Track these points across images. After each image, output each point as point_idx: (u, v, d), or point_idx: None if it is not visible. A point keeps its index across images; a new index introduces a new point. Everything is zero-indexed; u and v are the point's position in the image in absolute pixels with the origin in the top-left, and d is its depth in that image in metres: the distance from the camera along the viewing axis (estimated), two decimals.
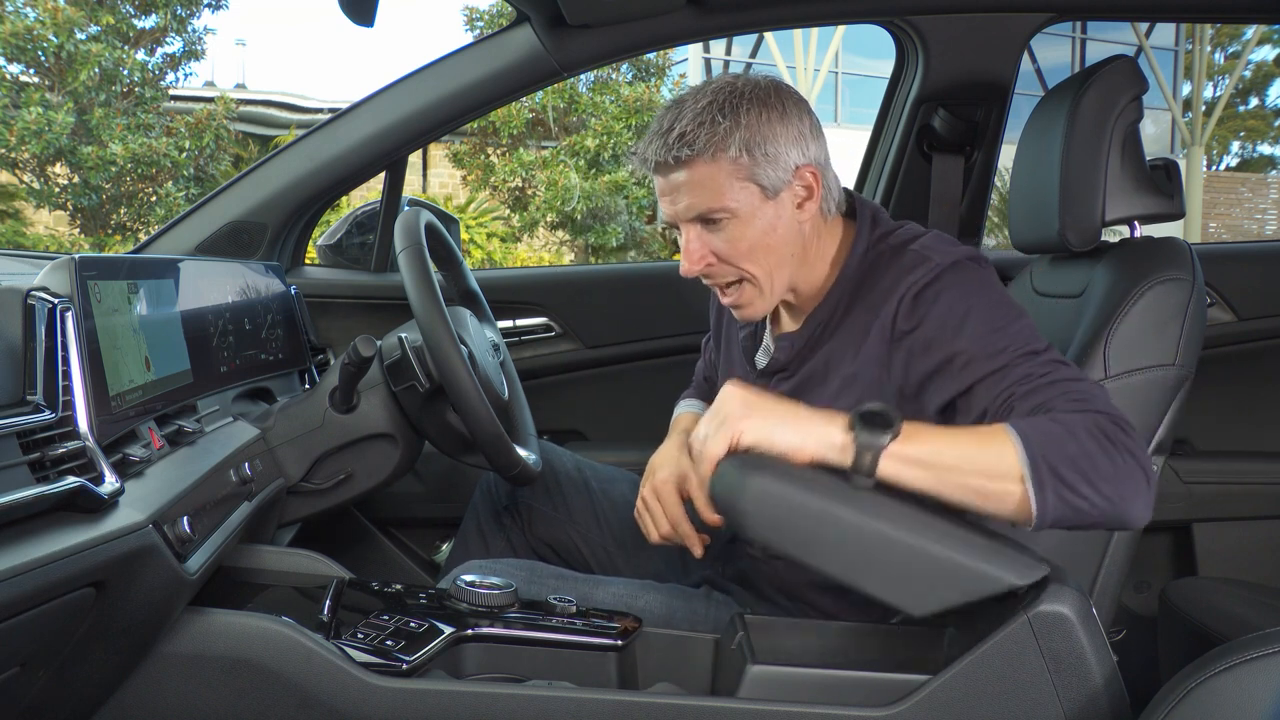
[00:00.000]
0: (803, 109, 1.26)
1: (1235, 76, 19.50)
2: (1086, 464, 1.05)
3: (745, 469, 1.09)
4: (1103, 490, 1.05)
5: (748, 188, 1.23)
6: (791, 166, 1.24)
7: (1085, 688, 1.11)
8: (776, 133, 1.23)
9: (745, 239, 1.26)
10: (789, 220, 1.27)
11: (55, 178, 9.41)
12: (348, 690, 1.14)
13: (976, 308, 1.19)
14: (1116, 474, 1.05)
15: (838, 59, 15.46)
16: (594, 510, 1.67)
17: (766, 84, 1.26)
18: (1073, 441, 1.05)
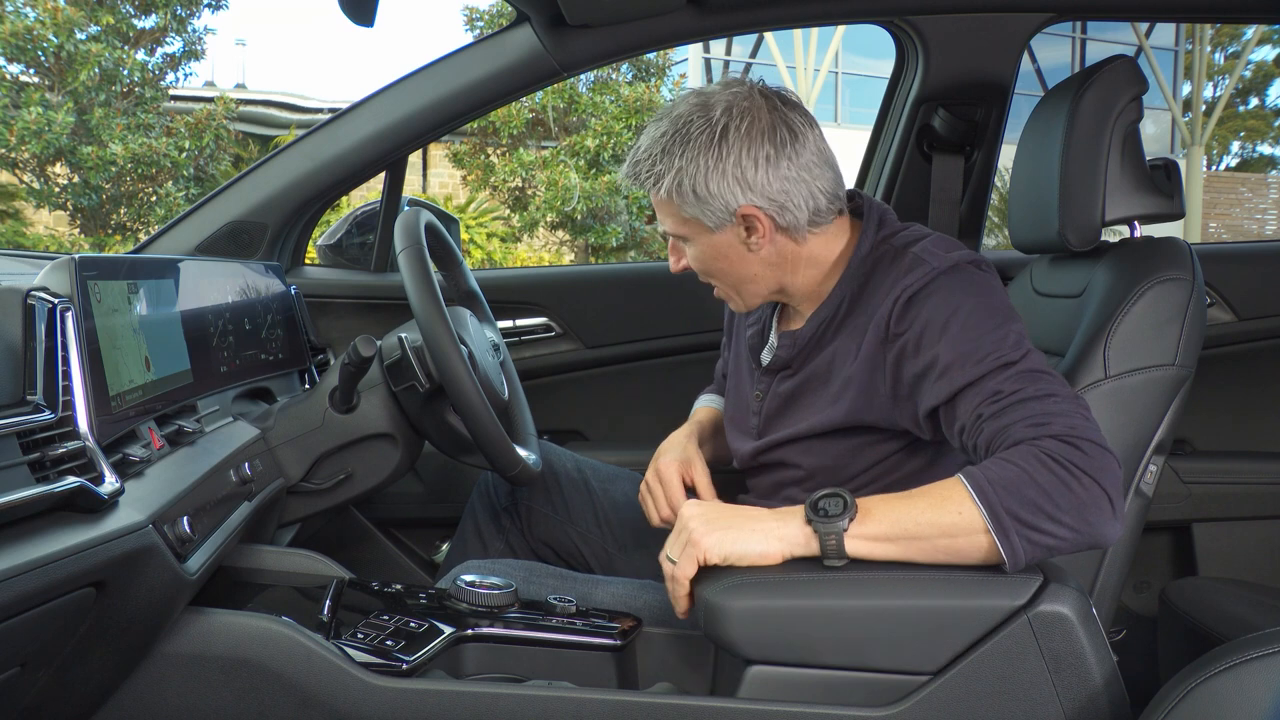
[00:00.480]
0: (754, 143, 1.24)
1: (1235, 76, 19.50)
2: (1045, 502, 1.06)
3: (721, 596, 1.13)
4: (1065, 523, 1.07)
5: (688, 222, 1.30)
6: (730, 208, 1.26)
7: (1085, 688, 1.11)
8: (710, 178, 1.25)
9: (701, 259, 1.34)
10: (739, 250, 1.30)
11: (55, 178, 9.41)
12: (348, 690, 1.14)
13: (961, 313, 1.20)
14: (1076, 503, 1.06)
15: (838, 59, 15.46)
16: (595, 510, 1.67)
17: (722, 116, 1.25)
18: (1028, 481, 1.07)
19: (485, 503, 1.69)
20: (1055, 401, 1.13)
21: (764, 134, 1.25)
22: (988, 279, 1.25)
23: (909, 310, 1.23)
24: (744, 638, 1.14)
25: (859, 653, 1.13)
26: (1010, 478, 1.07)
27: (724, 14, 1.84)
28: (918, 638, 1.12)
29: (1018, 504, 1.06)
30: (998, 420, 1.13)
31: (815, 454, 1.34)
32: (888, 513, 1.12)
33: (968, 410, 1.17)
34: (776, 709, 1.13)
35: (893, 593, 1.13)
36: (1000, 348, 1.17)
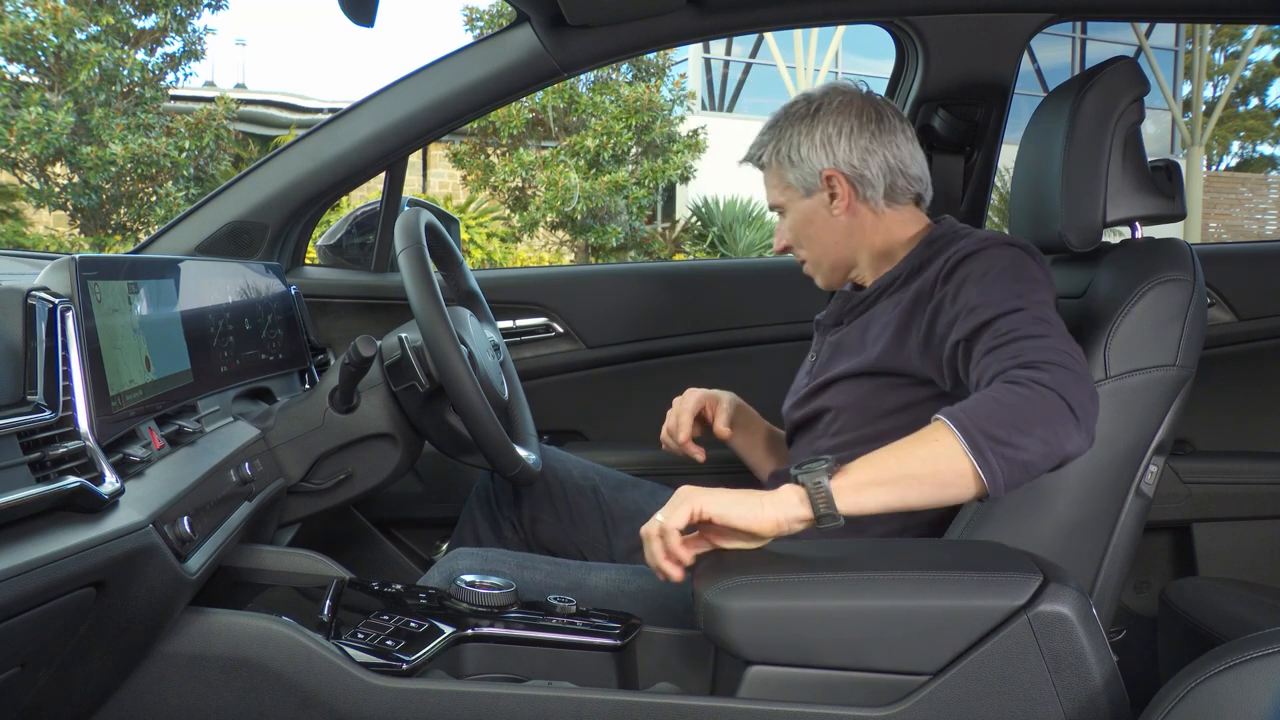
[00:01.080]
0: (841, 117, 1.46)
1: (1235, 76, 19.49)
2: (1013, 417, 1.11)
3: (721, 597, 1.13)
4: (1035, 434, 1.10)
5: (787, 188, 1.51)
6: (816, 170, 1.47)
7: (1085, 688, 1.11)
8: (801, 144, 1.47)
9: (794, 228, 1.53)
10: (824, 215, 1.49)
11: (55, 178, 9.41)
12: (348, 690, 1.14)
13: (998, 269, 1.30)
14: (1041, 416, 1.11)
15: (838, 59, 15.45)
16: (602, 517, 1.66)
17: (821, 97, 1.49)
18: (996, 404, 1.12)
19: (485, 508, 1.69)
20: (1041, 341, 1.18)
21: (853, 112, 1.47)
22: (1034, 262, 1.34)
23: (956, 269, 1.33)
24: (744, 638, 1.14)
25: (859, 653, 1.13)
26: (979, 404, 1.13)
27: (724, 14, 1.84)
28: (917, 638, 1.12)
29: (989, 424, 1.11)
30: (991, 355, 1.20)
31: (844, 394, 1.44)
32: (870, 461, 1.14)
33: (978, 348, 1.23)
34: (776, 709, 1.13)
35: (892, 593, 1.13)
36: (1020, 297, 1.26)
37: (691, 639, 1.32)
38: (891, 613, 1.13)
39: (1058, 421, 1.11)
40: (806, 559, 1.22)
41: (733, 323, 2.20)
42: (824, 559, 1.22)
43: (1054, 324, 1.23)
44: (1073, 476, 1.32)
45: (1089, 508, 1.33)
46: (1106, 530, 1.34)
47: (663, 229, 13.06)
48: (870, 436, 1.36)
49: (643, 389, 2.20)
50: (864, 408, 1.41)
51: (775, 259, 2.03)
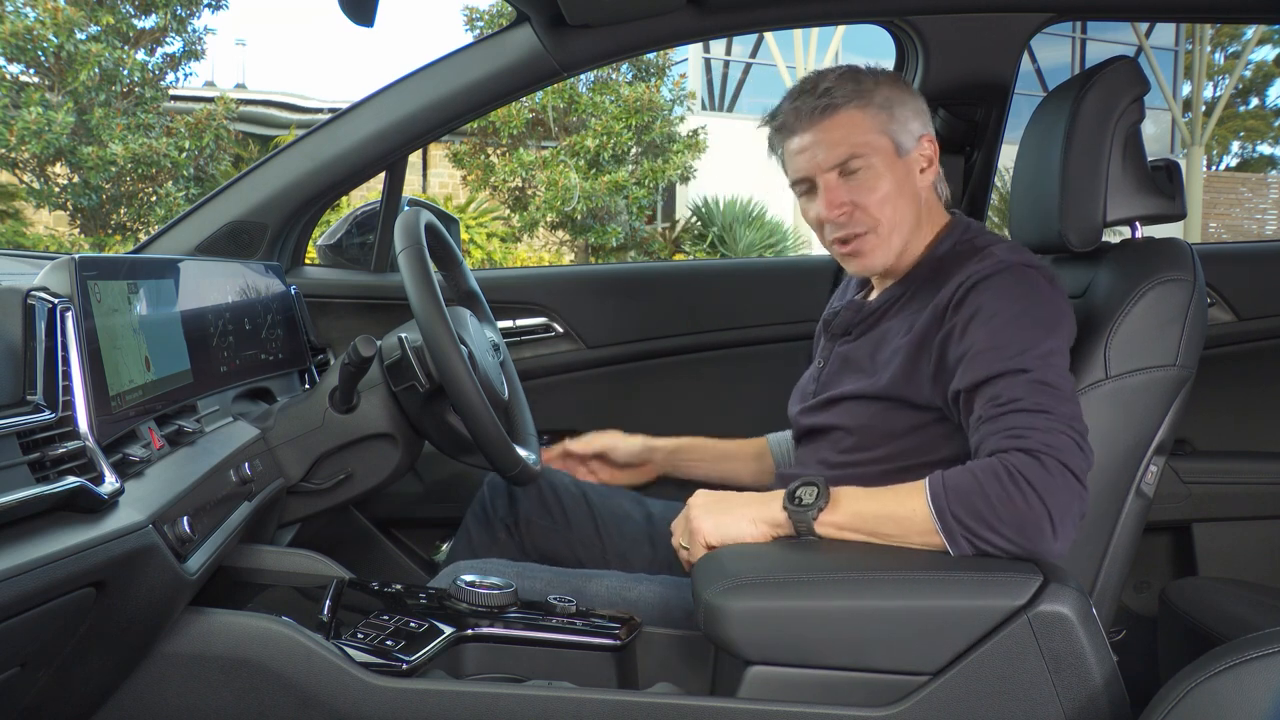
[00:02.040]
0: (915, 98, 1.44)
1: (1235, 76, 19.49)
2: (989, 512, 1.15)
3: (721, 598, 1.14)
4: (1004, 535, 1.15)
5: (884, 140, 1.39)
6: (918, 133, 1.41)
7: (1085, 688, 1.11)
8: (906, 101, 1.41)
9: (879, 189, 1.39)
10: (913, 181, 1.42)
11: (55, 178, 9.40)
12: (348, 690, 1.14)
13: (1010, 309, 1.27)
14: (1018, 519, 1.14)
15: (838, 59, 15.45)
16: (595, 519, 1.66)
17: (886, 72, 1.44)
18: (979, 491, 1.16)
19: (480, 517, 1.68)
20: (1044, 418, 1.18)
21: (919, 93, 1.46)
22: (1050, 288, 1.31)
23: (969, 296, 1.30)
24: (744, 638, 1.14)
25: (859, 653, 1.13)
26: (965, 485, 1.17)
27: (724, 14, 1.84)
28: (917, 638, 1.12)
29: (964, 511, 1.16)
30: (989, 425, 1.21)
31: (854, 414, 1.41)
32: (852, 504, 1.24)
33: (977, 407, 1.24)
34: (776, 709, 1.13)
35: (892, 593, 1.13)
36: (1026, 352, 1.23)
37: (691, 639, 1.32)
38: (891, 613, 1.13)
39: (1032, 530, 1.14)
40: (806, 559, 1.22)
41: (733, 323, 2.20)
42: (824, 559, 1.23)
43: (1058, 387, 1.21)
44: None
45: (1089, 508, 1.33)
46: (1106, 530, 1.34)
47: (663, 229, 13.06)
48: (879, 458, 1.37)
49: (643, 389, 2.20)
50: (873, 429, 1.38)
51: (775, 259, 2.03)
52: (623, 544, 1.64)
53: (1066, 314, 1.31)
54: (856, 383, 1.41)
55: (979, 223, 1.48)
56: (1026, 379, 1.21)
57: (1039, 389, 1.20)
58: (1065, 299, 1.33)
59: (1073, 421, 1.19)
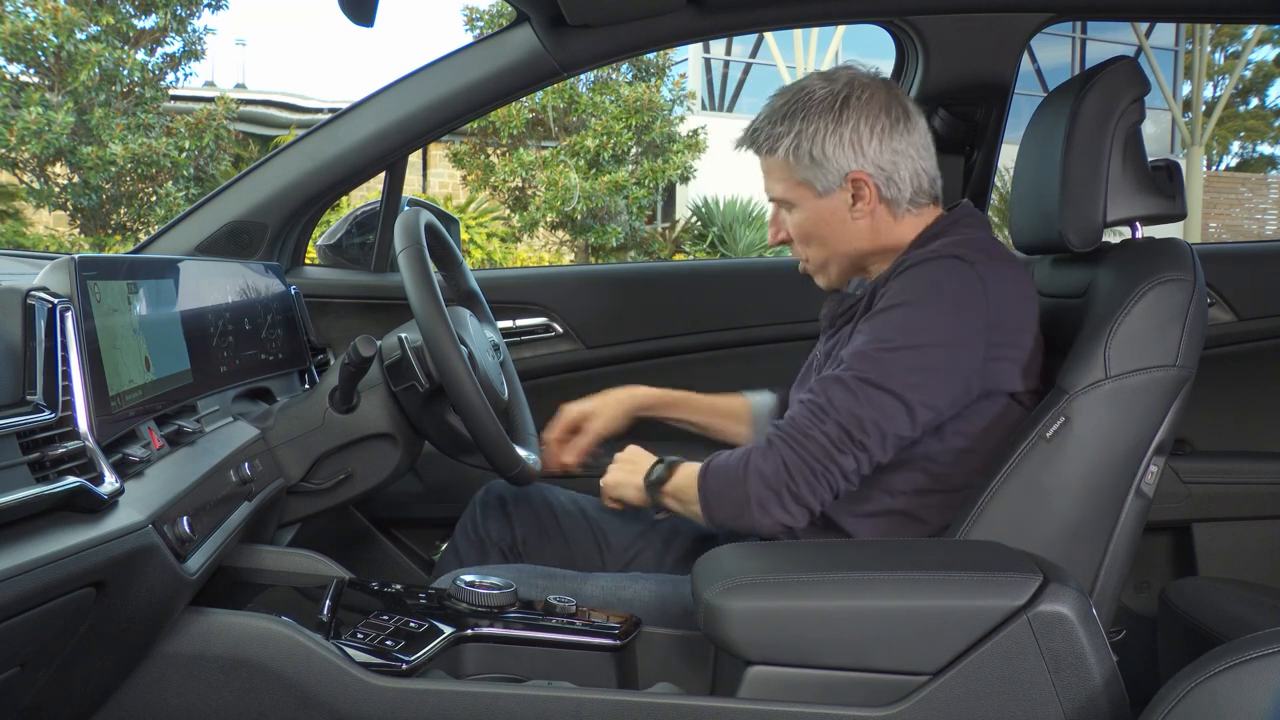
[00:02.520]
0: (871, 114, 1.37)
1: (1235, 76, 19.50)
2: (720, 491, 1.32)
3: (721, 598, 1.14)
4: (725, 512, 1.32)
5: (800, 189, 1.41)
6: (842, 171, 1.38)
7: (1085, 688, 1.11)
8: (826, 142, 1.36)
9: (802, 227, 1.44)
10: (842, 216, 1.41)
11: (55, 178, 9.41)
12: (348, 690, 1.14)
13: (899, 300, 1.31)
14: (730, 500, 1.31)
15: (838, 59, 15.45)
16: (595, 538, 1.66)
17: (844, 89, 1.38)
18: (720, 474, 1.33)
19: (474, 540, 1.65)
20: (813, 413, 1.29)
21: (882, 108, 1.38)
22: (967, 286, 1.30)
23: (889, 281, 1.35)
24: (744, 638, 1.14)
25: (859, 653, 1.13)
26: (718, 466, 1.34)
27: (724, 14, 1.84)
28: (917, 638, 1.12)
29: (711, 491, 1.34)
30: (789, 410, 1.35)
31: None
32: (679, 480, 1.39)
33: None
34: (776, 709, 1.13)
35: (892, 593, 1.13)
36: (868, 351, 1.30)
37: (691, 639, 1.32)
38: (891, 613, 1.13)
39: (739, 510, 1.31)
40: (806, 559, 1.22)
41: (733, 323, 2.20)
42: (824, 559, 1.23)
43: (858, 394, 1.28)
44: (1073, 476, 1.32)
45: (1089, 508, 1.33)
46: (1106, 530, 1.34)
47: (663, 229, 13.06)
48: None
49: None
50: None
51: (775, 259, 2.03)
52: (624, 556, 1.63)
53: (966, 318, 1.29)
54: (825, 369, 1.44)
55: (970, 214, 1.45)
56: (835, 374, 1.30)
57: (836, 386, 1.29)
58: (983, 295, 1.30)
59: (845, 419, 1.27)
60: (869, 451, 1.29)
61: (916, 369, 1.28)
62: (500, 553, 1.64)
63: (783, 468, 1.28)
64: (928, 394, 1.28)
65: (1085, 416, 1.32)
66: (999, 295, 1.32)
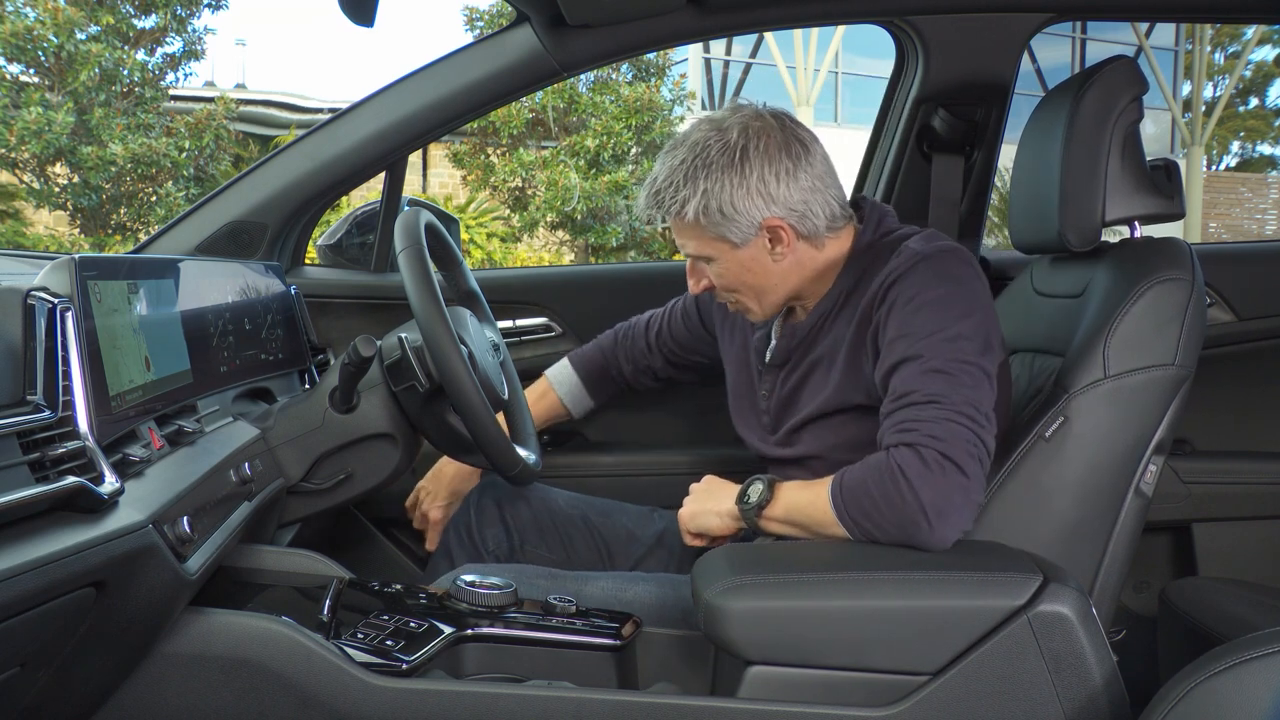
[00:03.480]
0: (773, 158, 1.34)
1: (1235, 76, 19.50)
2: (874, 509, 1.23)
3: (721, 598, 1.14)
4: (884, 528, 1.22)
5: (715, 241, 1.38)
6: (755, 221, 1.35)
7: (1085, 688, 1.11)
8: (734, 196, 1.34)
9: (725, 277, 1.42)
10: (763, 262, 1.39)
11: (55, 178, 9.40)
12: (348, 690, 1.14)
13: (921, 297, 1.30)
14: (896, 516, 1.21)
15: (838, 59, 15.45)
16: (597, 546, 1.65)
17: (740, 137, 1.34)
18: (865, 489, 1.24)
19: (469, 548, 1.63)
20: (934, 408, 1.23)
21: (780, 149, 1.35)
22: (963, 270, 1.34)
23: (889, 292, 1.33)
24: (744, 638, 1.14)
25: (859, 653, 1.13)
26: (856, 481, 1.25)
27: (724, 14, 1.84)
28: (917, 638, 1.12)
29: (854, 506, 1.24)
30: (887, 421, 1.27)
31: (820, 437, 1.43)
32: (787, 501, 1.32)
33: (885, 400, 1.29)
34: (776, 709, 1.13)
35: (892, 594, 1.13)
36: (931, 336, 1.27)
37: (691, 639, 1.32)
38: (891, 613, 1.13)
39: (910, 525, 1.21)
40: (806, 559, 1.22)
41: None
42: (824, 559, 1.23)
43: (953, 373, 1.25)
44: (1072, 476, 1.32)
45: (1089, 508, 1.33)
46: (1106, 530, 1.34)
47: (663, 229, 13.05)
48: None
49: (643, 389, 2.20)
50: (840, 446, 1.40)
51: None
52: (627, 564, 1.62)
53: (979, 293, 1.34)
54: (812, 403, 1.43)
55: (884, 208, 1.46)
56: (920, 367, 1.26)
57: (932, 377, 1.25)
58: (979, 278, 1.35)
59: (965, 406, 1.23)
60: (992, 424, 1.26)
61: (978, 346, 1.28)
62: (496, 560, 1.63)
63: (950, 466, 1.20)
64: (992, 364, 1.30)
65: (1084, 416, 1.32)
66: (982, 274, 1.37)
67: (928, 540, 1.20)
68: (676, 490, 1.51)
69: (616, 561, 1.63)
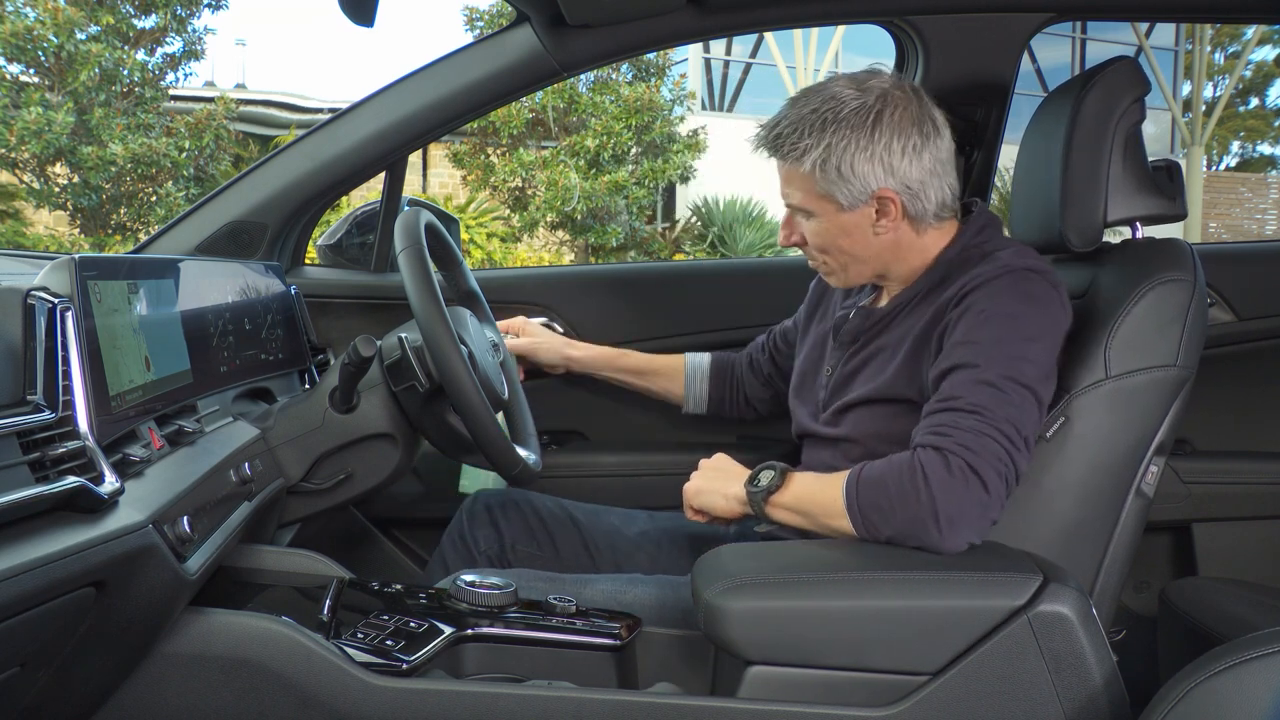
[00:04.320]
0: (904, 131, 1.33)
1: (1235, 76, 19.49)
2: (885, 504, 1.21)
3: (721, 598, 1.14)
4: (893, 526, 1.21)
5: (821, 202, 1.37)
6: (869, 189, 1.34)
7: (1085, 688, 1.11)
8: (856, 158, 1.32)
9: (821, 236, 1.40)
10: (864, 231, 1.38)
11: (55, 178, 9.41)
12: (348, 690, 1.14)
13: (994, 309, 1.28)
14: (909, 516, 1.19)
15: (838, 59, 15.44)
16: (584, 541, 1.65)
17: (877, 102, 1.33)
18: (883, 486, 1.22)
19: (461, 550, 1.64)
20: (975, 419, 1.21)
21: (914, 123, 1.34)
22: (1048, 293, 1.31)
23: (967, 297, 1.31)
24: (744, 638, 1.14)
25: (859, 653, 1.13)
26: (875, 476, 1.23)
27: (724, 14, 1.84)
28: (918, 638, 1.12)
29: (867, 500, 1.22)
30: (926, 420, 1.26)
31: (863, 422, 1.42)
32: (799, 489, 1.30)
33: (933, 399, 1.28)
34: (776, 709, 1.13)
35: (892, 593, 1.13)
36: (994, 348, 1.25)
37: (691, 639, 1.32)
38: (891, 613, 1.13)
39: (919, 527, 1.19)
40: (806, 559, 1.22)
41: (732, 323, 2.20)
42: (824, 559, 1.23)
43: (1004, 390, 1.22)
44: (1073, 477, 1.32)
45: (1089, 508, 1.33)
46: (1107, 530, 1.34)
47: (663, 229, 13.06)
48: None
49: None
50: (879, 436, 1.39)
51: (775, 259, 2.03)
52: (615, 560, 1.63)
53: (1057, 322, 1.31)
54: (864, 387, 1.42)
55: (994, 219, 1.45)
56: (974, 376, 1.24)
57: (983, 389, 1.23)
58: (1062, 307, 1.33)
59: (1005, 424, 1.21)
60: (1029, 450, 1.24)
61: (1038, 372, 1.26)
62: (488, 560, 1.63)
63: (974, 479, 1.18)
64: (1046, 393, 1.28)
65: (1085, 416, 1.32)
66: (1067, 303, 1.35)
67: (935, 544, 1.19)
68: (676, 490, 1.51)
69: (603, 557, 1.64)
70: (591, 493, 1.87)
